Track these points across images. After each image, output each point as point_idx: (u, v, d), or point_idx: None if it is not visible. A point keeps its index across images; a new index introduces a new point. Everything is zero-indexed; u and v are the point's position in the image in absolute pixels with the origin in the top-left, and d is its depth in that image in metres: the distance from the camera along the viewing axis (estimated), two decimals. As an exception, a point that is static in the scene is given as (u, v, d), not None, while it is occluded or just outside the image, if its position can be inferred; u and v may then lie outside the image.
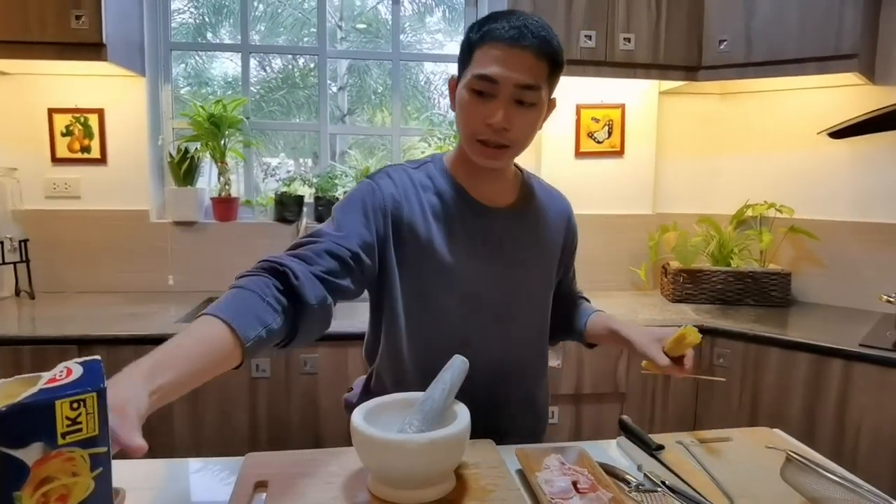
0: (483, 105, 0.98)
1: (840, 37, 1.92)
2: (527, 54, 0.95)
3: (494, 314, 1.10)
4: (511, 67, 0.95)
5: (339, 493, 0.84)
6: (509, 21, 0.96)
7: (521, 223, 1.13)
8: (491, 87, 0.96)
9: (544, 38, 0.97)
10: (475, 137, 1.01)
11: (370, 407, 0.90)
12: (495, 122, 0.97)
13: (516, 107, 0.98)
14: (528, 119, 1.00)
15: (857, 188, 2.20)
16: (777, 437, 1.10)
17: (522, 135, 1.01)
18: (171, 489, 0.94)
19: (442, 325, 1.07)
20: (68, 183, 2.27)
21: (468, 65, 0.99)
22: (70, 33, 1.89)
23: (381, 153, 3.18)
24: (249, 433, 1.80)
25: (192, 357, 0.76)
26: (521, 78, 0.96)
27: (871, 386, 1.65)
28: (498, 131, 0.98)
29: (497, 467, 0.91)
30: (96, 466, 0.56)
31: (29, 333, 1.72)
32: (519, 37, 0.95)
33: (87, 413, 0.54)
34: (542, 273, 1.16)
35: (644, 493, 0.87)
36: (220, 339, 0.80)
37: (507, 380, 1.12)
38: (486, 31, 0.97)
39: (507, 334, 1.11)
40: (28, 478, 0.51)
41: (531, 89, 0.97)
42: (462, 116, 1.02)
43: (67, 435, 0.53)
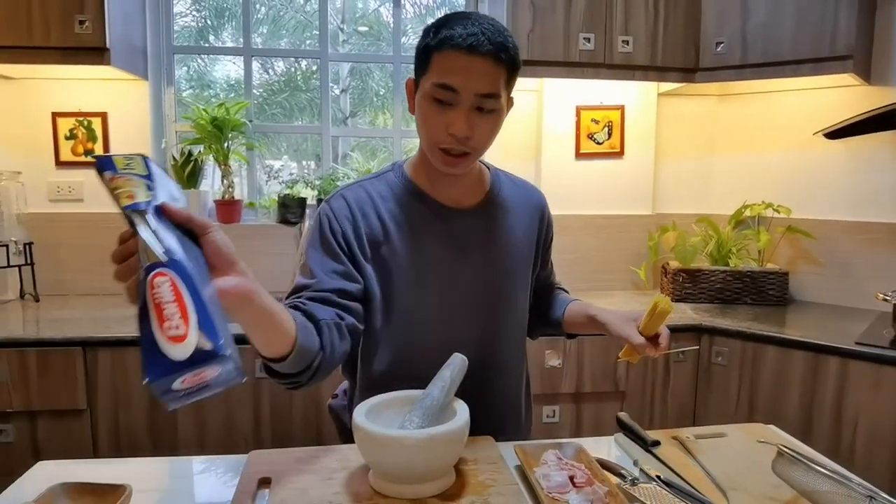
0: (443, 114, 0.97)
1: (835, 38, 1.94)
2: (485, 62, 0.95)
3: (468, 315, 1.10)
4: (470, 76, 0.95)
5: (341, 488, 0.86)
6: (465, 27, 0.95)
7: (488, 221, 1.12)
8: (451, 95, 0.96)
9: (501, 45, 0.96)
10: (437, 146, 1.00)
11: (372, 404, 0.92)
12: (457, 131, 0.97)
13: (477, 114, 0.98)
14: (489, 125, 1.00)
15: (854, 188, 2.21)
16: (770, 433, 1.11)
17: (483, 141, 1.01)
18: (175, 487, 0.96)
19: (418, 330, 1.08)
20: (72, 186, 2.29)
21: (426, 71, 0.98)
22: (73, 38, 1.92)
23: (383, 155, 3.20)
24: (253, 432, 1.82)
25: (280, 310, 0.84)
26: (482, 87, 0.96)
27: (867, 383, 1.67)
28: (460, 140, 0.98)
29: (496, 463, 0.93)
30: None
31: (33, 335, 1.74)
32: (477, 45, 0.94)
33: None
34: (516, 270, 1.15)
35: (639, 487, 0.89)
36: (291, 325, 0.86)
37: (487, 379, 1.12)
38: (444, 37, 0.95)
39: (484, 334, 1.11)
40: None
41: (491, 97, 0.97)
42: (423, 125, 1.01)
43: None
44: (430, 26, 1.00)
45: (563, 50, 2.11)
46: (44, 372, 1.72)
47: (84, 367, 1.74)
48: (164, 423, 1.79)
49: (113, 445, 1.78)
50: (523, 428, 1.23)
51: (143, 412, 1.78)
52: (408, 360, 1.08)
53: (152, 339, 0.57)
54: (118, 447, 1.78)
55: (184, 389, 0.60)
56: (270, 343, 0.84)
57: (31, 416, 1.74)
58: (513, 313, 1.16)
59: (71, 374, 1.73)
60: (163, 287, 0.59)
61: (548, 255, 1.27)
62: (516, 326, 1.18)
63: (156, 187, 0.66)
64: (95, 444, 1.77)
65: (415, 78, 1.03)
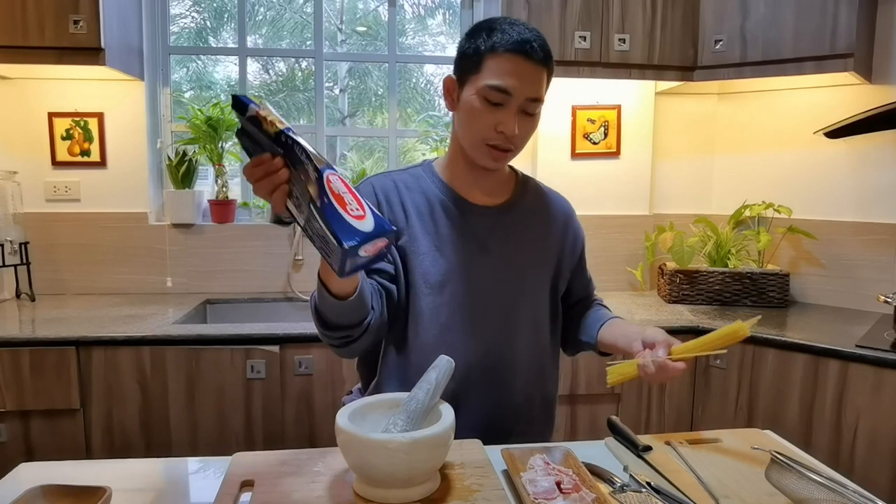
0: (494, 113, 1.02)
1: (836, 36, 1.92)
2: (536, 67, 1.02)
3: (481, 309, 1.11)
4: (523, 80, 1.01)
5: (324, 492, 0.85)
6: (519, 33, 1.01)
7: (510, 220, 1.15)
8: (503, 97, 1.01)
9: (548, 53, 1.04)
10: (485, 142, 1.05)
11: (355, 407, 0.90)
12: (508, 130, 1.02)
13: (522, 115, 1.04)
14: (531, 127, 1.07)
15: (855, 188, 2.19)
16: (766, 438, 1.09)
17: (524, 140, 1.08)
18: (164, 488, 0.95)
19: (431, 321, 1.08)
20: (68, 186, 2.29)
21: (478, 72, 1.03)
22: (68, 38, 1.91)
23: (379, 154, 3.19)
24: (245, 433, 1.81)
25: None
26: (532, 92, 1.02)
27: (867, 387, 1.65)
28: (509, 137, 1.04)
29: (482, 467, 0.92)
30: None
31: (29, 335, 1.73)
32: (531, 51, 1.00)
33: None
34: (535, 271, 1.16)
35: (628, 494, 0.87)
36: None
37: (498, 376, 1.12)
38: (498, 41, 1.01)
39: (498, 331, 1.12)
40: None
41: (537, 101, 1.04)
42: (471, 122, 1.05)
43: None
44: (478, 28, 1.06)
45: (558, 48, 2.09)
46: (37, 371, 1.71)
47: (77, 367, 1.73)
48: (157, 423, 1.78)
49: (106, 445, 1.77)
50: (547, 433, 1.21)
51: (136, 412, 1.77)
52: (423, 352, 1.08)
53: (341, 217, 0.75)
54: (111, 447, 1.77)
55: (364, 257, 0.78)
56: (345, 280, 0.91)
57: (24, 416, 1.74)
58: (527, 314, 1.15)
59: (64, 373, 1.72)
60: (336, 182, 0.77)
61: (579, 267, 1.26)
62: (535, 327, 1.17)
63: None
64: (88, 444, 1.77)
65: (458, 77, 1.07)
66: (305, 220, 0.79)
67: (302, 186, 0.78)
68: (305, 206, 0.78)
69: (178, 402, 1.78)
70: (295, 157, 0.78)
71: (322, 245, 0.79)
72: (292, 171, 0.79)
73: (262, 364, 1.79)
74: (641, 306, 2.21)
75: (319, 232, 0.77)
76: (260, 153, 0.80)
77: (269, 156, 0.79)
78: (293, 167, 0.78)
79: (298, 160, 0.78)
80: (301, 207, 0.79)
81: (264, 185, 0.80)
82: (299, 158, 0.77)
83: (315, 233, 0.79)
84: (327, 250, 0.78)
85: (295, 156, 0.78)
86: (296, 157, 0.78)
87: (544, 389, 1.21)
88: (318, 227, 0.77)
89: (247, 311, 2.29)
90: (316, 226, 0.77)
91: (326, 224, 0.75)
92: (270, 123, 0.77)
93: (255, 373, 1.79)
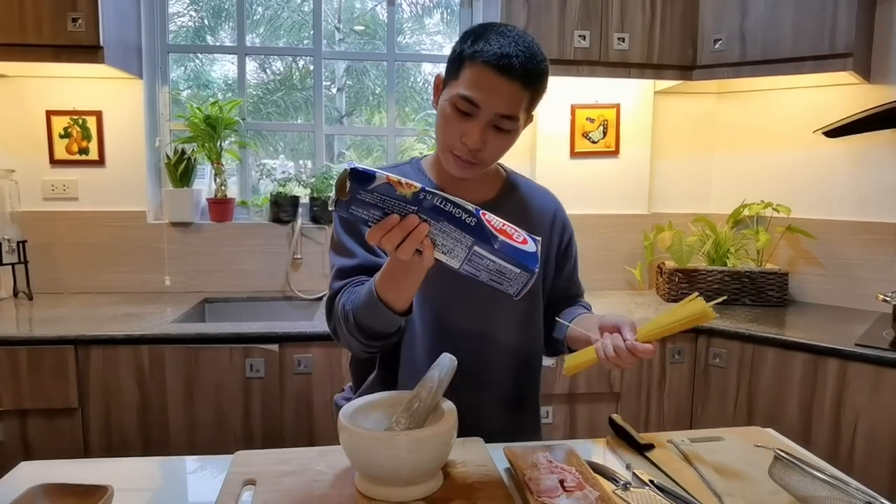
0: (462, 123, 1.00)
1: (835, 35, 1.92)
2: (512, 85, 0.97)
3: (471, 307, 1.10)
4: (494, 95, 0.97)
5: (327, 490, 0.85)
6: (501, 45, 0.96)
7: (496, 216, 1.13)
8: (472, 109, 0.99)
9: (531, 71, 0.98)
10: (450, 151, 1.03)
11: (358, 405, 0.90)
12: (471, 142, 1.00)
13: (493, 131, 1.00)
14: (502, 143, 1.03)
15: (854, 187, 2.19)
16: (768, 436, 1.09)
17: (493, 155, 1.04)
18: (164, 488, 0.95)
19: (418, 317, 1.08)
20: (66, 184, 2.28)
21: (455, 78, 1.01)
22: (66, 36, 1.90)
23: (377, 153, 3.18)
24: (244, 432, 1.81)
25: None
26: (502, 108, 0.98)
27: (867, 385, 1.65)
28: (471, 150, 1.01)
29: (485, 465, 0.92)
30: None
31: (26, 334, 1.72)
32: (508, 67, 0.96)
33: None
34: None
35: (632, 492, 0.87)
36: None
37: (487, 376, 1.12)
38: (478, 50, 0.97)
39: (487, 327, 1.11)
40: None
41: (509, 118, 1.00)
42: (441, 127, 1.04)
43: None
44: (468, 33, 1.02)
45: (557, 47, 2.09)
46: (35, 370, 1.71)
47: (76, 366, 1.72)
48: (155, 422, 1.77)
49: (104, 444, 1.76)
50: (532, 431, 1.21)
51: (134, 411, 1.76)
52: (406, 344, 1.08)
53: (517, 249, 0.83)
54: (109, 446, 1.76)
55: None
56: (412, 295, 0.96)
57: (22, 416, 1.73)
58: (509, 310, 1.14)
59: (62, 372, 1.71)
60: (493, 219, 0.84)
61: (566, 260, 1.24)
62: (524, 323, 1.16)
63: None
64: (87, 444, 1.76)
65: (445, 77, 1.05)
66: (464, 262, 0.84)
67: (448, 234, 0.82)
68: (463, 249, 0.83)
69: (176, 402, 1.77)
70: (435, 207, 0.81)
71: (495, 278, 0.85)
72: (431, 224, 0.82)
73: (261, 363, 1.78)
74: (640, 305, 2.21)
75: (492, 268, 0.84)
76: (379, 218, 0.82)
77: (397, 217, 0.81)
78: (429, 219, 0.82)
79: (440, 210, 0.81)
80: (454, 252, 0.84)
81: (409, 245, 0.82)
82: (441, 208, 0.81)
83: (483, 269, 0.85)
84: (501, 280, 0.85)
85: (435, 207, 0.81)
86: (436, 207, 0.81)
87: (527, 388, 1.21)
88: (491, 263, 0.83)
89: (245, 309, 2.29)
90: (487, 263, 0.83)
91: (505, 258, 0.82)
92: (406, 185, 0.80)
93: (253, 372, 1.78)
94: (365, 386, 1.16)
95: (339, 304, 1.03)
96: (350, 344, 1.04)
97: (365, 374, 1.18)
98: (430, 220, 0.82)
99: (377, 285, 0.94)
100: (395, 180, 0.80)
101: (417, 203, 0.81)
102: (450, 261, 0.85)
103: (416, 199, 0.80)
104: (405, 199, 0.80)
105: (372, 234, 0.83)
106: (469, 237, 0.82)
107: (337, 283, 1.07)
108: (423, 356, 1.08)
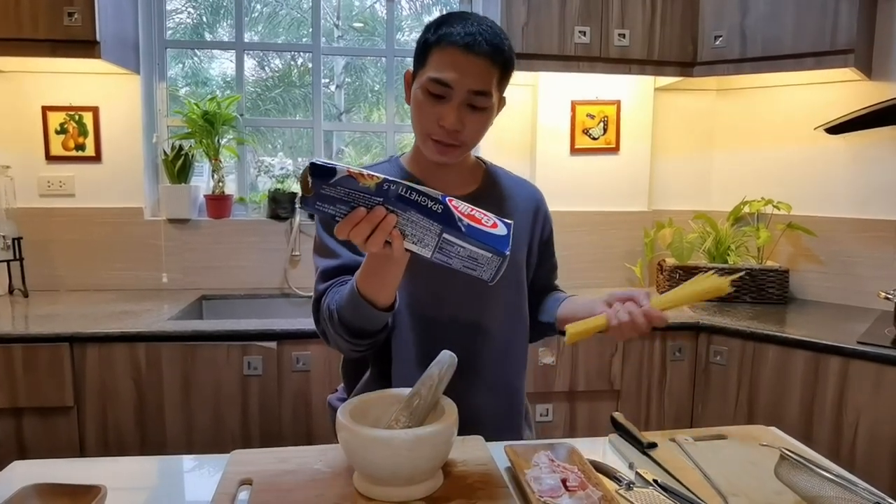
0: (437, 106, 1.01)
1: (836, 32, 1.91)
2: (480, 61, 0.99)
3: (457, 301, 1.10)
4: (465, 73, 0.99)
5: (325, 490, 0.83)
6: (464, 27, 0.99)
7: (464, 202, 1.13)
8: (445, 90, 1.00)
9: (497, 46, 1.00)
10: (429, 137, 1.04)
11: (357, 403, 0.89)
12: (448, 124, 1.01)
13: (468, 110, 1.02)
14: (479, 121, 1.04)
15: (855, 184, 2.18)
16: (772, 435, 1.08)
17: (473, 135, 1.05)
18: (160, 487, 0.94)
19: (403, 310, 1.08)
20: (63, 181, 2.26)
21: (424, 65, 1.03)
22: (62, 30, 1.88)
23: (376, 150, 3.17)
24: (241, 431, 1.79)
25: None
26: (474, 84, 1.00)
27: (868, 383, 1.64)
28: (450, 132, 1.02)
29: (485, 464, 0.90)
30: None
31: (22, 331, 1.71)
32: (473, 44, 0.98)
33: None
34: (511, 257, 1.14)
35: (635, 492, 0.86)
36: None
37: (481, 367, 1.11)
38: (443, 34, 1.00)
39: (474, 321, 1.11)
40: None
41: (483, 95, 1.01)
42: (416, 116, 1.05)
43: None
44: (431, 23, 1.04)
45: (558, 43, 2.08)
46: (30, 368, 1.69)
47: (71, 364, 1.71)
48: (152, 420, 1.76)
49: (100, 443, 1.75)
50: (517, 426, 1.20)
51: (131, 409, 1.75)
52: (397, 342, 1.08)
53: (486, 233, 0.82)
54: (106, 445, 1.75)
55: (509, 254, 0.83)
56: (394, 291, 0.96)
57: (17, 414, 1.71)
58: (498, 302, 1.14)
59: (58, 370, 1.70)
60: (460, 205, 0.83)
61: (547, 252, 1.25)
62: (511, 316, 1.16)
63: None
64: (82, 442, 1.75)
65: (413, 71, 1.07)
66: (435, 250, 0.83)
67: (416, 223, 0.82)
68: (433, 238, 0.82)
69: (173, 400, 1.76)
70: (401, 198, 0.80)
71: (468, 264, 0.84)
72: (399, 214, 0.81)
73: (258, 361, 1.77)
74: (641, 303, 2.20)
75: (463, 254, 0.83)
76: (345, 213, 0.81)
77: (363, 210, 0.80)
78: (396, 210, 0.81)
79: (406, 199, 0.80)
80: (424, 241, 0.83)
81: (378, 238, 0.81)
82: (407, 198, 0.80)
83: (455, 256, 0.83)
84: (474, 266, 0.84)
85: (400, 196, 0.80)
86: (402, 197, 0.80)
87: (513, 382, 1.20)
88: (461, 249, 0.82)
89: (243, 307, 2.27)
90: (457, 250, 0.82)
91: (475, 244, 0.81)
92: (368, 177, 0.79)
93: (251, 369, 1.77)
94: (359, 387, 1.15)
95: (325, 305, 1.03)
96: (339, 344, 1.03)
97: (357, 376, 1.17)
98: (397, 210, 0.81)
99: (358, 282, 0.95)
100: (356, 172, 0.79)
101: (382, 194, 0.80)
102: (421, 250, 0.84)
103: (380, 190, 0.80)
104: (369, 190, 0.79)
105: (340, 228, 0.82)
106: (437, 224, 0.81)
107: (321, 284, 1.07)
108: (416, 353, 1.08)
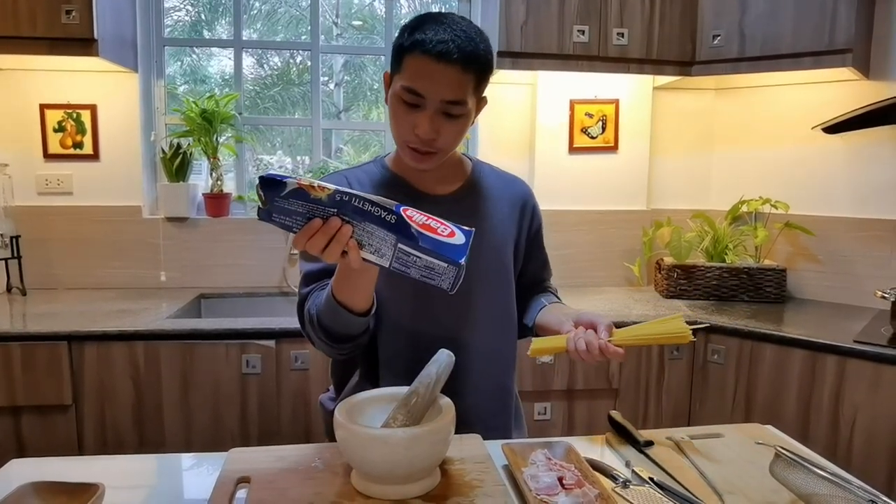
0: (411, 114, 1.00)
1: (834, 31, 1.91)
2: (452, 70, 0.96)
3: (449, 301, 1.07)
4: (437, 83, 0.97)
5: (322, 488, 0.83)
6: (437, 32, 0.96)
7: (465, 207, 1.13)
8: (418, 99, 0.99)
9: (470, 54, 0.97)
10: (406, 144, 1.04)
11: (354, 401, 0.89)
12: (422, 133, 1.00)
13: (443, 118, 1.00)
14: (455, 128, 1.02)
15: (853, 183, 2.19)
16: (768, 433, 1.09)
17: (449, 143, 1.04)
18: (158, 485, 0.94)
19: (392, 311, 1.08)
20: (60, 179, 2.26)
21: (398, 70, 1.01)
22: (60, 28, 1.88)
23: (375, 148, 3.17)
24: (240, 429, 1.80)
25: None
26: (447, 94, 0.98)
27: (865, 382, 1.65)
28: (425, 140, 1.01)
29: (483, 462, 0.91)
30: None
31: (20, 330, 1.71)
32: (445, 52, 0.95)
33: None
34: (495, 256, 1.15)
35: (632, 490, 0.86)
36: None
37: (468, 367, 1.11)
38: (415, 41, 0.97)
39: (464, 319, 1.11)
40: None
41: (457, 104, 0.99)
42: (393, 122, 1.04)
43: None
44: (405, 26, 1.02)
45: (556, 42, 2.08)
46: (28, 367, 1.69)
47: (69, 362, 1.71)
48: (150, 419, 1.76)
49: (99, 442, 1.75)
50: (509, 424, 1.20)
51: (129, 408, 1.75)
52: (384, 342, 1.09)
53: (441, 243, 0.81)
54: (104, 443, 1.75)
55: (465, 265, 0.82)
56: (370, 295, 0.96)
57: (15, 412, 1.71)
58: (486, 301, 1.14)
59: (56, 368, 1.70)
60: (415, 214, 0.81)
61: (535, 247, 1.24)
62: (502, 313, 1.16)
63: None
64: (81, 441, 1.75)
65: (390, 73, 1.05)
66: (392, 260, 0.83)
67: (372, 234, 0.81)
68: (389, 248, 0.81)
69: (171, 398, 1.76)
70: (355, 209, 0.80)
71: (425, 274, 0.83)
72: (355, 225, 0.81)
73: (257, 359, 1.77)
74: (638, 301, 2.20)
75: (420, 264, 0.82)
76: (302, 224, 0.81)
77: (319, 221, 0.80)
78: (352, 221, 0.81)
79: (361, 210, 0.80)
80: (381, 251, 0.82)
81: (334, 249, 0.81)
82: (361, 209, 0.80)
83: (412, 266, 0.82)
84: (432, 276, 0.83)
85: (355, 208, 0.80)
86: (356, 209, 0.80)
87: (504, 382, 1.19)
88: (417, 259, 0.81)
89: (242, 305, 2.27)
90: (413, 260, 0.81)
91: (430, 253, 0.80)
92: (319, 188, 0.79)
93: (250, 368, 1.77)
94: (347, 390, 1.15)
95: (307, 309, 1.04)
96: (322, 348, 1.04)
97: (346, 378, 1.17)
98: (353, 221, 0.81)
99: (333, 289, 0.95)
100: (306, 184, 0.78)
101: (336, 205, 0.80)
102: (379, 260, 0.84)
103: (333, 202, 0.79)
104: (322, 202, 0.79)
105: (296, 240, 0.82)
106: (392, 235, 0.80)
107: (304, 288, 1.07)
108: (404, 354, 1.08)
